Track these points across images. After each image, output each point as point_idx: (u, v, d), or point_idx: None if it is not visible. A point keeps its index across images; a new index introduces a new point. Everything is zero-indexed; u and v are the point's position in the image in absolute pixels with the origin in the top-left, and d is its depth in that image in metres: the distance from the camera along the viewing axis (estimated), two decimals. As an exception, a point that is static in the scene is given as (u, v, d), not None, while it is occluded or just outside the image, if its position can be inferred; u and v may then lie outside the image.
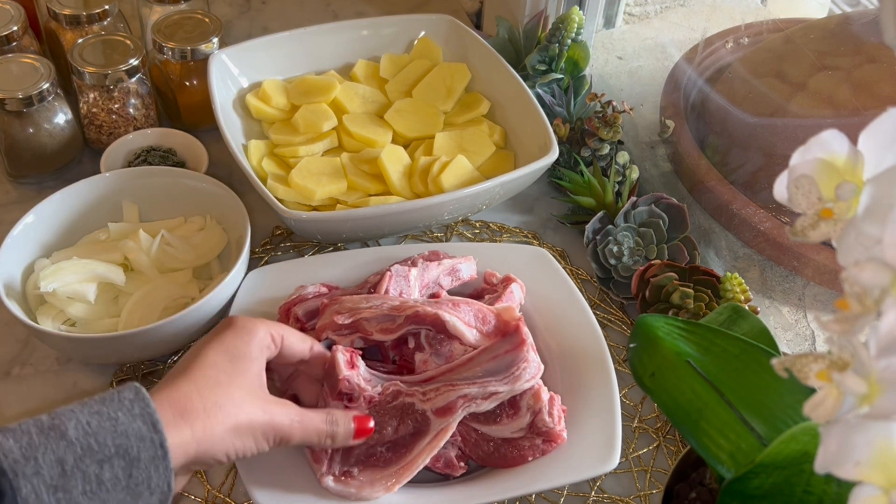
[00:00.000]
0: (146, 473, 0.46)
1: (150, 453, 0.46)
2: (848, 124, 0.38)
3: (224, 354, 0.54)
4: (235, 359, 0.54)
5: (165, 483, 0.46)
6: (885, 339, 0.31)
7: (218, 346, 0.54)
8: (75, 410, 0.45)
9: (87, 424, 0.45)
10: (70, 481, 0.43)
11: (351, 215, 0.74)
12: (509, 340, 0.62)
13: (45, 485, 0.43)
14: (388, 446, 0.61)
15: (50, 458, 0.43)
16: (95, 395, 0.47)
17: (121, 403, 0.46)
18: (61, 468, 0.43)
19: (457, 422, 0.61)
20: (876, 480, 0.32)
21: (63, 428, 0.44)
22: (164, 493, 0.47)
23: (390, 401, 0.62)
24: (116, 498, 0.45)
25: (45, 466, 0.43)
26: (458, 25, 0.94)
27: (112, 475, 0.44)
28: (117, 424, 0.45)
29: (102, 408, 0.46)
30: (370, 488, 0.60)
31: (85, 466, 0.44)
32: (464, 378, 0.62)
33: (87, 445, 0.44)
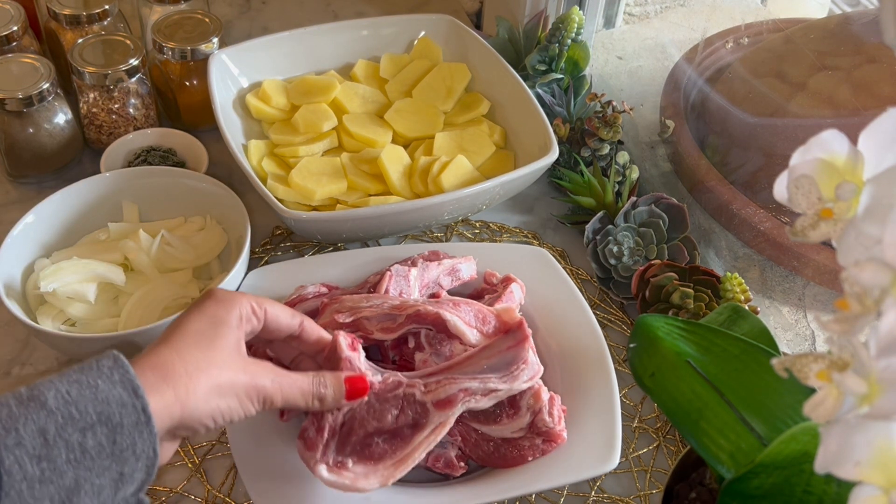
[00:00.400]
0: (130, 439, 0.45)
1: (132, 419, 0.45)
2: (848, 124, 0.38)
3: (204, 321, 0.53)
4: (216, 325, 0.53)
5: (151, 448, 0.46)
6: (885, 339, 0.31)
7: (198, 314, 0.53)
8: (54, 381, 0.45)
9: (67, 393, 0.44)
10: (53, 450, 0.43)
11: (351, 215, 0.74)
12: (513, 336, 0.62)
13: (27, 455, 0.42)
14: (385, 437, 0.60)
15: (31, 428, 0.43)
16: (74, 366, 0.47)
17: (100, 371, 0.46)
18: (43, 438, 0.43)
19: (455, 416, 0.61)
20: (876, 480, 0.32)
21: (42, 398, 0.44)
22: (149, 458, 0.46)
23: (391, 389, 0.61)
24: (102, 465, 0.44)
25: (26, 437, 0.42)
26: (458, 25, 0.94)
27: (95, 443, 0.44)
28: (97, 392, 0.45)
29: (81, 376, 0.45)
30: (365, 480, 0.58)
31: (67, 435, 0.43)
32: (465, 373, 0.62)
33: (68, 414, 0.44)
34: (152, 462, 0.46)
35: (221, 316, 0.54)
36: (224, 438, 0.69)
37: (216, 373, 0.51)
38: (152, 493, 0.66)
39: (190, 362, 0.50)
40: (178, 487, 0.66)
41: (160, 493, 0.66)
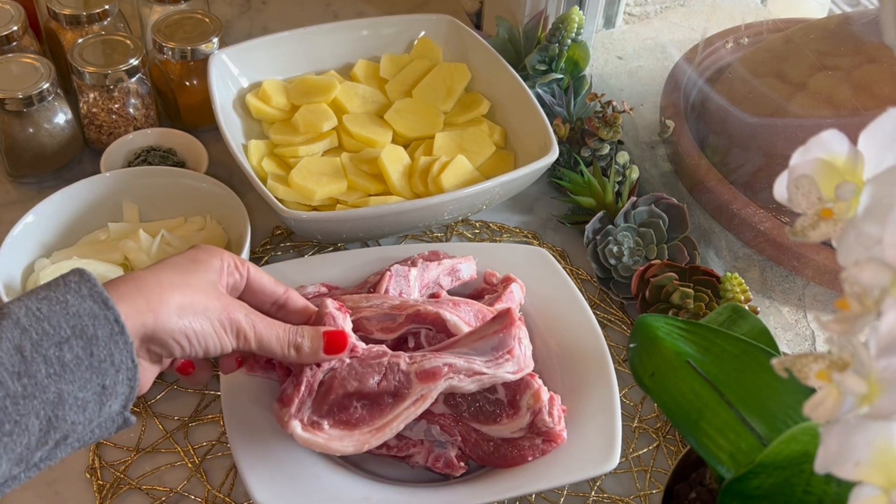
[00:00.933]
0: (107, 350, 0.46)
1: (106, 330, 0.46)
2: (848, 124, 0.38)
3: (185, 259, 0.53)
4: (195, 261, 0.53)
5: (129, 358, 0.46)
6: (885, 339, 0.31)
7: (181, 256, 0.54)
8: (23, 299, 0.45)
9: (38, 310, 0.44)
10: (32, 366, 0.43)
11: (351, 215, 0.74)
12: (500, 320, 0.62)
13: (7, 372, 0.42)
14: (364, 403, 0.59)
15: (6, 346, 0.43)
16: (45, 284, 0.47)
17: (67, 287, 0.46)
18: (20, 355, 0.43)
19: (438, 391, 0.60)
20: (876, 480, 0.32)
21: (14, 317, 0.44)
22: (129, 368, 0.47)
23: (376, 357, 0.60)
24: (83, 378, 0.45)
25: (3, 355, 0.43)
26: (458, 25, 0.94)
27: (73, 356, 0.44)
28: (68, 307, 0.45)
29: (50, 293, 0.45)
30: (339, 442, 0.58)
31: (44, 350, 0.44)
32: (450, 352, 0.61)
33: (42, 330, 0.44)
34: (132, 373, 0.47)
35: (203, 258, 0.54)
36: (224, 438, 0.69)
37: (190, 292, 0.51)
38: (152, 493, 0.66)
39: (164, 279, 0.50)
40: (178, 487, 0.66)
41: (160, 493, 0.66)
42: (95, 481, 0.66)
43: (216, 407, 0.71)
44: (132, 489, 0.66)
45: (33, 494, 0.65)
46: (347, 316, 0.62)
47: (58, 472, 0.66)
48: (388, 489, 0.62)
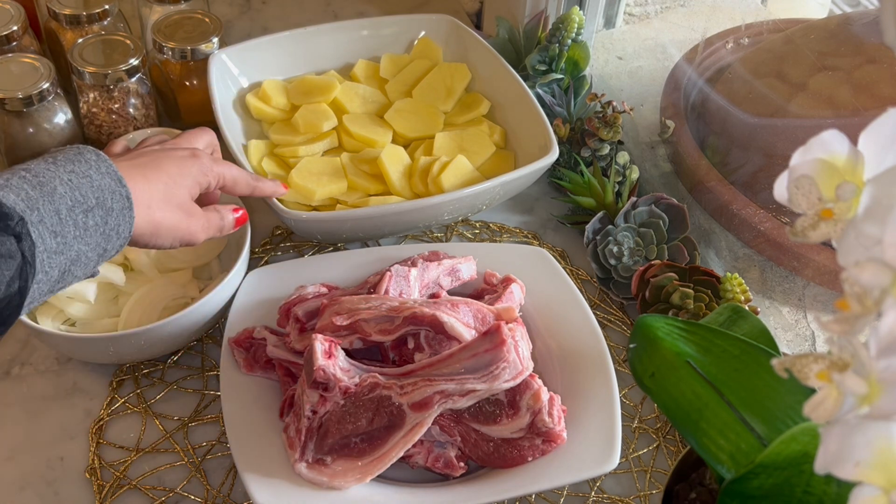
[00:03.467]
0: (117, 222, 0.54)
1: (120, 204, 0.54)
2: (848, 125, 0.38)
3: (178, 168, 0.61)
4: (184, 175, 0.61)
5: (128, 230, 0.55)
6: (885, 339, 0.31)
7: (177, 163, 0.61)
8: (51, 169, 0.52)
9: (69, 181, 0.52)
10: (65, 227, 0.51)
11: (351, 215, 0.74)
12: (489, 339, 0.62)
13: (47, 231, 0.50)
14: (362, 437, 0.62)
15: (48, 208, 0.50)
16: (53, 155, 0.53)
17: (88, 163, 0.54)
18: (58, 217, 0.50)
19: (433, 417, 0.61)
20: (876, 481, 0.32)
21: (52, 185, 0.51)
22: (125, 239, 0.56)
23: (366, 393, 0.62)
24: (95, 241, 0.53)
25: (46, 216, 0.50)
26: (459, 25, 0.94)
27: (94, 222, 0.52)
28: (92, 181, 0.53)
29: (74, 167, 0.53)
30: (342, 478, 0.60)
31: (75, 215, 0.51)
32: (442, 374, 0.62)
33: (75, 198, 0.51)
34: (126, 242, 0.56)
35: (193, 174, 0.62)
36: (224, 438, 0.69)
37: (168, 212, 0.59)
38: (152, 493, 0.66)
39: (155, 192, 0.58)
40: (178, 487, 0.66)
41: (160, 494, 0.66)
42: (95, 481, 0.66)
43: (216, 407, 0.71)
44: (132, 489, 0.66)
45: (33, 494, 0.65)
46: (338, 354, 0.63)
47: (58, 471, 0.66)
48: (387, 489, 0.62)
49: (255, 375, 0.67)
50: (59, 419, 0.70)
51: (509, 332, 0.62)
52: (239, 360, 0.68)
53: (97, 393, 0.71)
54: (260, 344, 0.68)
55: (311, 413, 0.62)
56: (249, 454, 0.62)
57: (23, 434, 0.69)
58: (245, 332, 0.69)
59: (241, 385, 0.67)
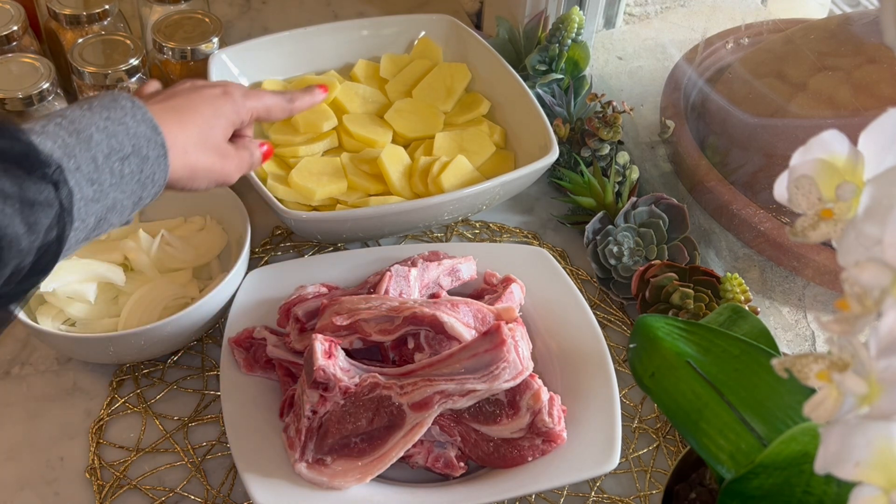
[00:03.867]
0: (153, 169, 0.54)
1: (156, 152, 0.54)
2: (848, 125, 0.38)
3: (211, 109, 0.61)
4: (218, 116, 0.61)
5: (163, 178, 0.55)
6: (885, 339, 0.31)
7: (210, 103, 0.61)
8: (86, 116, 0.51)
9: (106, 128, 0.51)
10: (101, 175, 0.50)
11: (351, 215, 0.74)
12: (489, 339, 0.62)
13: (84, 179, 0.49)
14: (362, 437, 0.62)
15: (85, 156, 0.49)
16: (90, 102, 0.53)
17: (123, 110, 0.53)
18: (94, 165, 0.50)
19: (433, 417, 0.61)
20: (876, 481, 0.32)
21: (88, 132, 0.50)
22: (160, 186, 0.55)
23: (367, 393, 0.62)
24: (131, 189, 0.52)
25: (83, 163, 0.49)
26: (459, 25, 0.94)
27: (130, 170, 0.52)
28: (128, 128, 0.52)
29: (110, 114, 0.52)
30: (342, 478, 0.60)
31: (111, 163, 0.51)
32: (442, 374, 0.62)
33: (111, 146, 0.51)
34: (160, 190, 0.56)
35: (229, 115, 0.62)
36: (224, 438, 0.69)
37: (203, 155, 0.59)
38: (152, 493, 0.66)
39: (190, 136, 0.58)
40: (177, 487, 0.66)
41: (160, 494, 0.66)
42: (95, 481, 0.66)
43: (216, 407, 0.71)
44: (132, 489, 0.66)
45: (33, 494, 0.65)
46: (338, 354, 0.63)
47: (58, 471, 0.66)
48: (387, 489, 0.62)
49: (255, 375, 0.68)
50: (59, 419, 0.70)
51: (509, 332, 0.62)
52: (239, 360, 0.68)
53: (97, 393, 0.71)
54: (260, 344, 0.68)
55: (311, 413, 0.62)
56: (249, 454, 0.62)
57: (23, 434, 0.69)
58: (245, 332, 0.69)
59: (241, 385, 0.67)
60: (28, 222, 0.45)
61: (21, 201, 0.44)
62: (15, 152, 0.45)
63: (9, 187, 0.44)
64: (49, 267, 0.48)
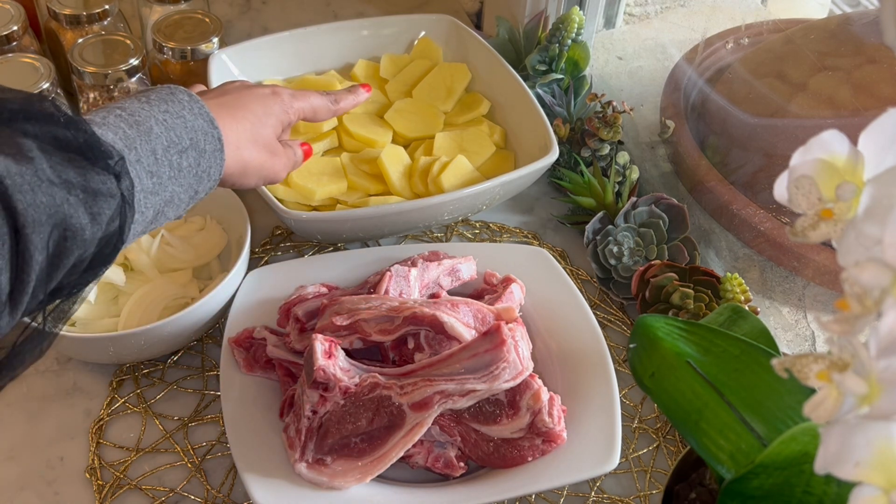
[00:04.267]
0: (209, 163, 0.54)
1: (212, 146, 0.54)
2: (848, 125, 0.38)
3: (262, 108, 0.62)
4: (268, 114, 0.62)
5: (219, 172, 0.55)
6: (886, 339, 0.31)
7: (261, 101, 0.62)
8: (145, 109, 0.51)
9: (164, 122, 0.51)
10: (161, 167, 0.50)
11: (351, 215, 0.74)
12: (489, 339, 0.62)
13: (144, 171, 0.49)
14: (362, 437, 0.62)
15: (146, 148, 0.50)
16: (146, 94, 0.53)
17: (181, 104, 0.53)
18: (154, 157, 0.50)
19: (433, 417, 0.61)
20: (876, 481, 0.32)
21: (148, 125, 0.50)
22: (215, 181, 0.56)
23: (367, 393, 0.62)
24: (188, 183, 0.53)
25: (143, 155, 0.49)
26: (459, 25, 0.94)
27: (188, 163, 0.52)
28: (186, 122, 0.53)
29: (168, 107, 0.52)
30: (342, 478, 0.61)
31: (170, 156, 0.51)
32: (442, 374, 0.62)
33: (170, 139, 0.51)
34: (215, 184, 0.56)
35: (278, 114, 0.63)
36: (224, 438, 0.69)
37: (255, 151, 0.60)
38: (152, 493, 0.66)
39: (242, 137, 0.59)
40: (178, 487, 0.66)
41: (160, 494, 0.66)
42: (95, 481, 0.66)
43: (216, 407, 0.71)
44: (132, 489, 0.66)
45: (33, 494, 0.65)
46: (338, 354, 0.63)
47: (58, 471, 0.66)
48: (387, 489, 0.62)
49: (255, 375, 0.68)
50: (59, 419, 0.70)
51: (509, 332, 0.62)
52: (239, 360, 0.68)
53: (97, 393, 0.71)
54: (260, 344, 0.68)
55: (311, 413, 0.62)
56: (249, 454, 0.62)
57: (23, 434, 0.69)
58: (245, 332, 0.69)
59: (241, 385, 0.67)
60: (91, 212, 0.45)
61: (85, 191, 0.44)
62: (79, 142, 0.45)
63: (73, 177, 0.44)
64: (110, 258, 0.49)
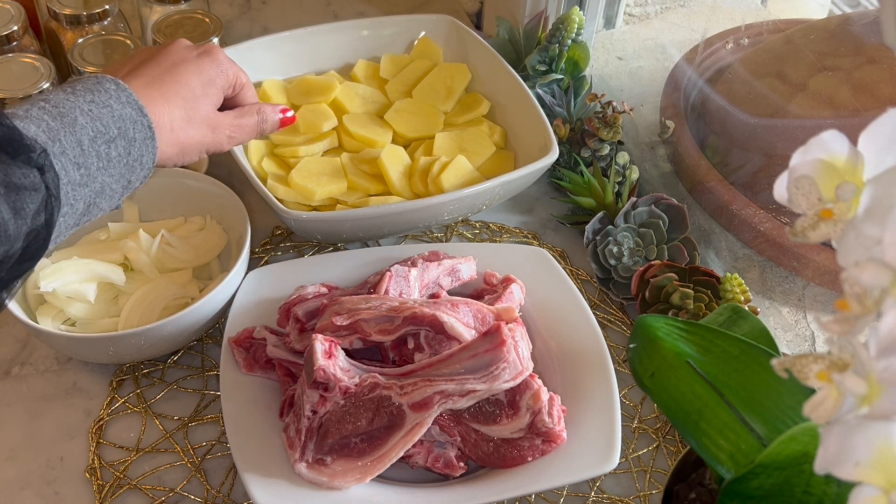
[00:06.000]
0: (140, 151, 0.53)
1: (142, 134, 0.53)
2: (848, 125, 0.38)
3: (198, 78, 0.59)
4: (206, 84, 0.60)
5: (152, 161, 0.54)
6: (885, 339, 0.31)
7: (195, 70, 0.59)
8: (71, 99, 0.50)
9: (90, 112, 0.50)
10: (88, 159, 0.50)
11: (351, 215, 0.74)
12: (489, 340, 0.62)
13: (70, 162, 0.48)
14: (362, 437, 0.62)
15: (70, 139, 0.49)
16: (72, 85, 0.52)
17: (107, 93, 0.52)
18: (80, 148, 0.49)
19: (433, 417, 0.61)
20: (876, 481, 0.32)
21: (72, 115, 0.49)
22: (149, 168, 0.55)
23: (367, 393, 0.62)
24: (119, 173, 0.52)
25: (68, 147, 0.48)
26: (459, 26, 0.94)
27: (117, 153, 0.51)
28: (113, 111, 0.51)
29: (94, 97, 0.51)
30: (342, 478, 0.61)
31: (97, 146, 0.50)
32: (442, 374, 0.62)
33: (96, 129, 0.50)
34: (150, 172, 0.55)
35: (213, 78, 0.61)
36: (224, 438, 0.69)
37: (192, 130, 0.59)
38: (152, 493, 0.66)
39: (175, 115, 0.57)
40: (177, 487, 0.66)
41: (160, 493, 0.66)
42: (95, 481, 0.66)
43: (216, 407, 0.71)
44: (132, 489, 0.66)
45: (33, 494, 0.65)
46: (338, 354, 0.63)
47: (57, 472, 0.66)
48: (387, 489, 0.62)
49: (255, 375, 0.68)
50: (59, 419, 0.70)
51: (509, 333, 0.62)
52: (239, 360, 0.68)
53: (97, 393, 0.71)
54: (260, 344, 0.68)
55: (311, 413, 0.62)
56: (249, 454, 0.62)
57: (23, 434, 0.69)
58: (245, 332, 0.69)
59: (241, 385, 0.67)
60: (14, 207, 0.44)
61: (6, 186, 0.44)
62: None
63: None
64: (39, 253, 0.48)
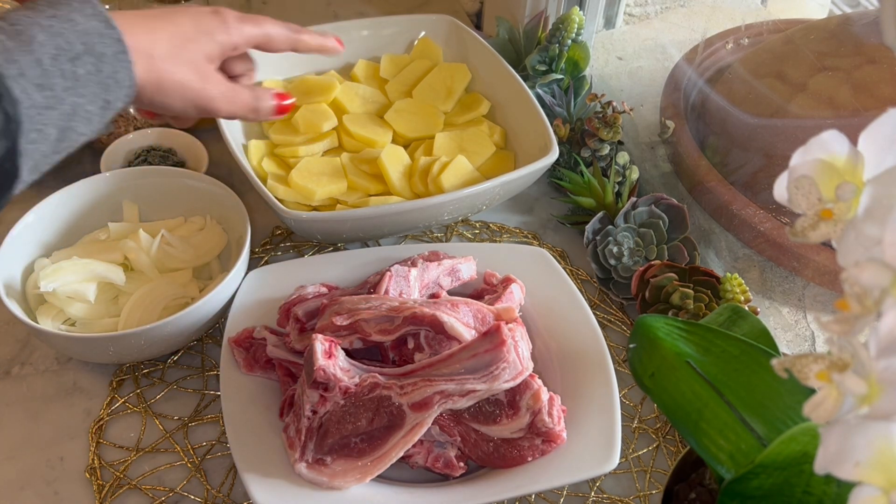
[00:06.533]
0: (112, 67, 0.49)
1: (112, 49, 0.49)
2: (848, 125, 0.38)
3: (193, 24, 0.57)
4: (200, 32, 0.57)
5: (129, 78, 0.50)
6: (885, 339, 0.31)
7: (192, 17, 0.57)
8: (30, 16, 0.47)
9: (50, 27, 0.47)
10: (51, 79, 0.46)
11: (351, 215, 0.74)
12: (489, 340, 0.62)
13: (31, 84, 0.45)
14: (362, 437, 0.62)
15: (28, 59, 0.45)
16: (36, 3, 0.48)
17: (69, 7, 0.48)
18: (41, 68, 0.45)
19: (433, 417, 0.61)
20: (876, 481, 0.32)
21: (30, 33, 0.46)
22: (128, 87, 0.51)
23: (367, 393, 0.62)
24: (92, 92, 0.48)
25: (27, 68, 0.45)
26: (459, 26, 0.94)
27: (85, 71, 0.47)
28: (76, 25, 0.48)
29: (56, 11, 0.48)
30: (342, 478, 0.61)
31: (61, 65, 0.46)
32: (442, 374, 0.62)
33: (58, 45, 0.46)
34: (133, 91, 0.51)
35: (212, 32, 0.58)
36: (224, 438, 0.69)
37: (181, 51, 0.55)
38: (152, 493, 0.66)
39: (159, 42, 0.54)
40: (178, 487, 0.66)
41: (160, 493, 0.66)
42: (95, 481, 0.66)
43: (216, 407, 0.71)
44: (132, 489, 0.66)
45: (33, 494, 0.65)
46: (338, 354, 0.63)
47: (58, 471, 0.66)
48: (387, 489, 0.62)
49: (255, 375, 0.68)
50: (59, 419, 0.70)
51: (509, 333, 0.62)
52: (239, 360, 0.68)
53: (97, 393, 0.72)
54: (260, 344, 0.68)
55: (311, 413, 0.62)
56: (249, 454, 0.62)
57: (23, 434, 0.69)
58: (245, 332, 0.69)
59: (241, 385, 0.67)
60: None
61: None
62: None
63: None
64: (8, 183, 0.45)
